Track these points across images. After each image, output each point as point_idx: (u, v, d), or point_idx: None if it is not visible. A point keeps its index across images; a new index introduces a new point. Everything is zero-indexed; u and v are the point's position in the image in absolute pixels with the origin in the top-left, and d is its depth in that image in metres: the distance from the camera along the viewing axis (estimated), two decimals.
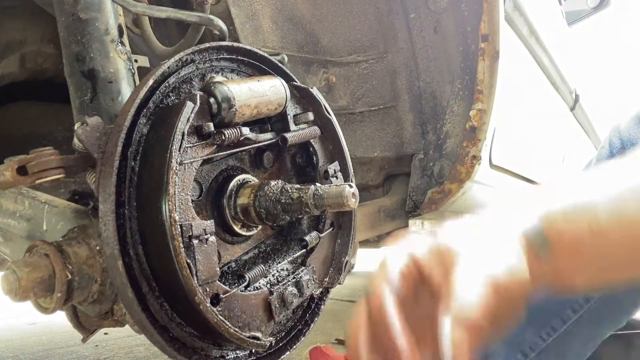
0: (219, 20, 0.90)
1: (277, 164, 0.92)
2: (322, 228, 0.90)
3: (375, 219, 1.50)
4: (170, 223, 0.61)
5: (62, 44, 0.81)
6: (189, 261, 0.63)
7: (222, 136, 0.70)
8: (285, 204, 0.74)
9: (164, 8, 0.86)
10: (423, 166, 1.51)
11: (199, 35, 0.98)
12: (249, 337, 0.71)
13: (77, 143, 0.69)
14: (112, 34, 0.81)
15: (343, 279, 0.90)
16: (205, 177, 0.79)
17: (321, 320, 0.92)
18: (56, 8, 0.81)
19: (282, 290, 0.79)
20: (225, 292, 0.69)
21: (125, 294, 0.62)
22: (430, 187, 1.49)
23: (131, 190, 0.65)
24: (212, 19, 0.90)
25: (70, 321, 0.82)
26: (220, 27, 0.90)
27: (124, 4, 0.80)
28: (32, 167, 0.67)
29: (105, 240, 0.62)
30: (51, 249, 0.68)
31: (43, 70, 1.41)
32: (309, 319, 0.89)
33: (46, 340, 2.43)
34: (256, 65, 0.85)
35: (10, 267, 0.65)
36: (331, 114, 0.90)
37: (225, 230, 0.80)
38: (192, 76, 0.76)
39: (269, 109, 0.79)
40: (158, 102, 0.71)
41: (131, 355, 2.05)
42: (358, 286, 4.18)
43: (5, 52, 1.33)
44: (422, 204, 1.51)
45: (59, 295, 0.67)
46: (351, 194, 0.71)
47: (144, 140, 0.68)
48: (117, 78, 0.81)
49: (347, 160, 0.93)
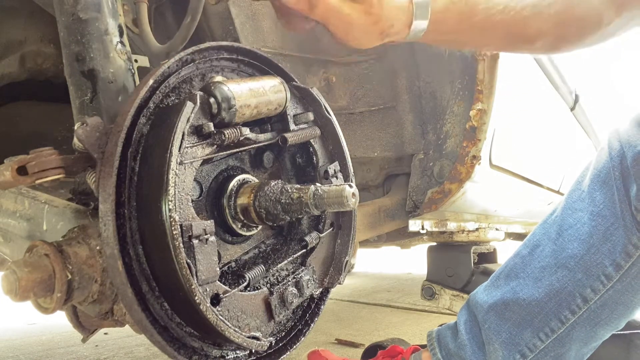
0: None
1: (277, 164, 0.92)
2: (322, 228, 0.90)
3: (375, 219, 1.50)
4: (170, 223, 0.62)
5: (62, 44, 0.81)
6: (189, 261, 0.63)
7: (222, 136, 0.70)
8: (285, 204, 0.75)
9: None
10: (423, 166, 1.51)
11: (192, 28, 0.98)
12: (248, 337, 0.71)
13: (77, 143, 0.69)
14: (112, 34, 0.81)
15: (343, 279, 0.90)
16: (205, 177, 0.79)
17: (321, 320, 0.92)
18: (56, 8, 0.81)
19: (282, 290, 0.79)
20: (225, 292, 0.69)
21: (125, 294, 0.63)
22: (430, 187, 1.49)
23: (131, 190, 0.65)
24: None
25: (70, 321, 0.82)
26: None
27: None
28: (32, 167, 0.67)
29: (105, 240, 0.62)
30: (51, 249, 0.68)
31: (43, 70, 1.41)
32: (309, 319, 0.89)
33: (46, 340, 2.43)
34: (256, 65, 0.85)
35: (10, 267, 0.65)
36: (331, 114, 0.90)
37: (225, 230, 0.80)
38: (192, 76, 0.76)
39: (269, 109, 0.79)
40: (158, 102, 0.71)
41: (131, 355, 2.05)
42: (358, 286, 4.18)
43: (5, 52, 1.33)
44: (422, 204, 1.51)
45: (59, 295, 0.67)
46: (351, 194, 0.71)
47: (144, 140, 0.68)
48: (117, 78, 0.81)
49: (347, 160, 0.93)
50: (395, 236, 2.14)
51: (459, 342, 1.20)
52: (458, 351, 1.20)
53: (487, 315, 1.15)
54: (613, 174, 1.02)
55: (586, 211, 1.05)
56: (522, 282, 1.11)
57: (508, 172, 1.68)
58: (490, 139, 1.44)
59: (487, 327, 1.14)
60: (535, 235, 1.15)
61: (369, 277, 4.85)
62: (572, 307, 1.05)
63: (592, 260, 1.03)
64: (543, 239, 1.12)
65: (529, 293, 1.09)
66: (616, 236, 1.00)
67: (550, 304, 1.07)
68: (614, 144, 1.03)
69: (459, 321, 1.23)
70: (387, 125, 1.54)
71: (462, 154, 1.43)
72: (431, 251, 2.23)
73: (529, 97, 1.84)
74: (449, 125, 1.46)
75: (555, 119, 2.27)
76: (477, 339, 1.18)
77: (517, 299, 1.11)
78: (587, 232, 1.03)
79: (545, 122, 2.10)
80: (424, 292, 2.14)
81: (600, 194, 1.04)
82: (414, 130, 1.52)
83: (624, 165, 1.00)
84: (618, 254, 1.00)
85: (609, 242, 1.01)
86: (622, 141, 1.01)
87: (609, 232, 1.01)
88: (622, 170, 1.00)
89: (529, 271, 1.11)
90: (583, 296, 1.04)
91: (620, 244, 1.00)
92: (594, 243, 1.03)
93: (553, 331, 1.08)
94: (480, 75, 1.36)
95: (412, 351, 1.35)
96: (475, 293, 1.22)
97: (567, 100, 2.32)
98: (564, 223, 1.08)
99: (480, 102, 1.38)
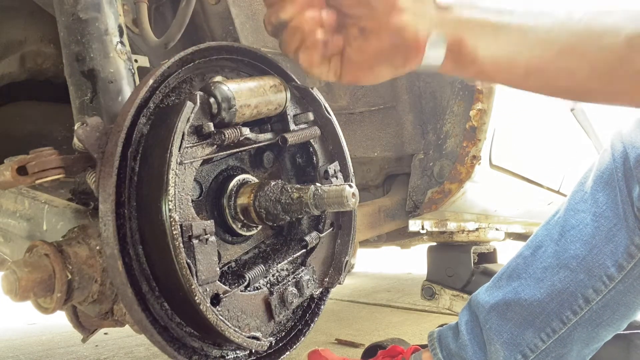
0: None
1: (277, 164, 0.92)
2: (322, 228, 0.90)
3: (375, 219, 1.50)
4: (170, 223, 0.61)
5: (62, 44, 0.81)
6: (189, 261, 0.63)
7: (222, 136, 0.70)
8: (285, 204, 0.74)
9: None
10: (423, 166, 1.51)
11: (188, 13, 0.98)
12: (248, 337, 0.71)
13: (77, 143, 0.69)
14: (112, 34, 0.81)
15: (343, 279, 0.90)
16: (205, 177, 0.79)
17: (321, 320, 0.92)
18: (56, 8, 0.81)
19: (282, 290, 0.79)
20: (225, 292, 0.69)
21: (125, 294, 0.62)
22: (430, 187, 1.49)
23: (131, 190, 0.65)
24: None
25: (70, 321, 0.82)
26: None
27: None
28: (32, 167, 0.67)
29: (105, 240, 0.62)
30: (51, 249, 0.67)
31: (43, 70, 1.41)
32: (309, 319, 0.89)
33: (46, 340, 2.43)
34: (256, 65, 0.85)
35: (10, 267, 0.65)
36: (331, 114, 0.90)
37: (225, 230, 0.80)
38: (192, 76, 0.76)
39: (269, 109, 0.79)
40: (158, 102, 0.71)
41: (131, 355, 2.05)
42: (358, 286, 4.18)
43: (5, 52, 1.33)
44: (422, 204, 1.51)
45: (59, 295, 0.66)
46: (351, 194, 0.71)
47: (144, 140, 0.68)
48: (117, 78, 0.80)
49: (347, 160, 0.93)
50: (395, 236, 2.14)
51: (460, 342, 1.20)
52: (459, 351, 1.20)
53: (489, 315, 1.15)
54: (616, 175, 1.02)
55: (589, 212, 1.05)
56: (524, 282, 1.11)
57: (508, 172, 1.67)
58: (490, 139, 1.44)
59: (489, 328, 1.14)
60: (537, 236, 1.15)
61: (369, 277, 4.85)
62: (574, 308, 1.05)
63: (594, 261, 1.03)
64: (545, 239, 1.12)
65: (530, 293, 1.09)
66: (619, 237, 1.00)
67: (552, 304, 1.07)
68: (617, 146, 1.03)
69: (460, 321, 1.23)
70: (387, 125, 1.54)
71: (462, 154, 1.43)
72: (431, 251, 2.23)
73: (529, 97, 1.84)
74: (449, 125, 1.46)
75: (555, 119, 2.27)
76: (478, 339, 1.18)
77: (519, 299, 1.11)
78: (590, 233, 1.03)
79: (545, 122, 2.10)
80: (424, 292, 2.14)
81: (603, 195, 1.04)
82: (414, 130, 1.52)
83: (626, 166, 1.00)
84: (620, 255, 1.00)
85: (611, 243, 1.01)
86: (625, 143, 1.01)
87: (611, 233, 1.01)
88: (625, 172, 1.00)
89: (531, 272, 1.11)
90: (585, 297, 1.04)
91: (623, 245, 1.00)
92: (597, 244, 1.03)
93: (555, 332, 1.08)
94: None
95: (412, 351, 1.35)
96: (477, 293, 1.22)
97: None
98: (567, 224, 1.08)
99: (480, 102, 1.38)
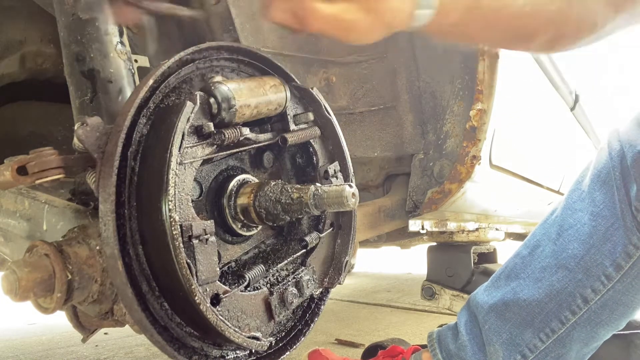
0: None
1: (277, 164, 0.92)
2: (322, 228, 0.90)
3: (375, 219, 1.50)
4: (170, 223, 0.61)
5: (62, 44, 0.81)
6: (189, 261, 0.63)
7: (222, 136, 0.70)
8: (285, 204, 0.74)
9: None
10: (423, 166, 1.51)
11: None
12: (248, 337, 0.71)
13: (77, 143, 0.69)
14: (112, 34, 0.81)
15: (343, 279, 0.90)
16: (205, 177, 0.79)
17: (321, 320, 0.92)
18: (56, 8, 0.81)
19: (282, 290, 0.79)
20: (225, 292, 0.69)
21: (125, 294, 0.63)
22: (430, 187, 1.49)
23: (131, 190, 0.65)
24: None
25: (70, 321, 0.82)
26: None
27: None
28: (32, 167, 0.67)
29: (105, 240, 0.62)
30: (51, 249, 0.68)
31: (43, 70, 1.41)
32: (309, 319, 0.89)
33: (46, 340, 2.43)
34: (256, 65, 0.85)
35: (10, 267, 0.65)
36: (331, 114, 0.90)
37: (225, 230, 0.80)
38: (192, 76, 0.76)
39: (269, 109, 0.79)
40: (158, 102, 0.71)
41: (131, 355, 2.05)
42: (358, 286, 4.18)
43: (5, 52, 1.33)
44: (422, 204, 1.51)
45: (59, 295, 0.67)
46: (351, 194, 0.71)
47: (144, 140, 0.68)
48: (117, 78, 0.81)
49: (347, 160, 0.93)
50: (395, 236, 2.14)
51: (459, 342, 1.20)
52: (458, 352, 1.20)
53: (488, 315, 1.15)
54: (613, 174, 1.02)
55: (586, 211, 1.05)
56: (523, 282, 1.11)
57: (508, 172, 1.67)
58: (490, 139, 1.44)
59: (488, 328, 1.14)
60: (535, 235, 1.15)
61: (369, 277, 4.85)
62: (573, 308, 1.05)
63: (592, 260, 1.03)
64: (543, 239, 1.12)
65: (529, 293, 1.09)
66: (616, 236, 1.00)
67: (551, 304, 1.07)
68: (614, 144, 1.03)
69: (460, 322, 1.23)
70: (387, 125, 1.54)
71: (462, 154, 1.43)
72: (431, 251, 2.23)
73: (529, 97, 1.84)
74: (449, 125, 1.46)
75: (555, 119, 2.27)
76: (477, 339, 1.18)
77: (518, 300, 1.11)
78: (588, 233, 1.03)
79: (545, 122, 2.10)
80: (424, 292, 2.14)
81: (600, 194, 1.04)
82: (414, 130, 1.52)
83: (624, 165, 1.00)
84: (618, 254, 1.00)
85: (609, 243, 1.01)
86: (622, 141, 1.01)
87: (609, 232, 1.01)
88: (622, 170, 1.00)
89: (529, 271, 1.11)
90: (583, 296, 1.04)
91: (621, 244, 1.00)
92: (594, 243, 1.02)
93: (553, 332, 1.08)
94: (481, 75, 1.36)
95: (412, 351, 1.35)
96: (476, 294, 1.22)
97: (567, 100, 2.32)
98: (564, 223, 1.08)
99: (480, 102, 1.38)
